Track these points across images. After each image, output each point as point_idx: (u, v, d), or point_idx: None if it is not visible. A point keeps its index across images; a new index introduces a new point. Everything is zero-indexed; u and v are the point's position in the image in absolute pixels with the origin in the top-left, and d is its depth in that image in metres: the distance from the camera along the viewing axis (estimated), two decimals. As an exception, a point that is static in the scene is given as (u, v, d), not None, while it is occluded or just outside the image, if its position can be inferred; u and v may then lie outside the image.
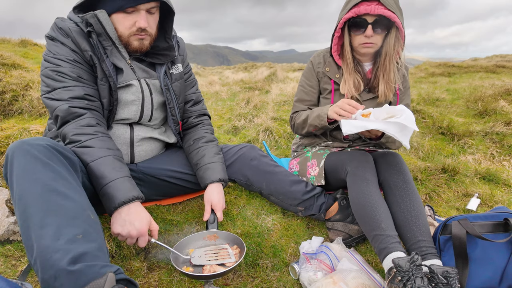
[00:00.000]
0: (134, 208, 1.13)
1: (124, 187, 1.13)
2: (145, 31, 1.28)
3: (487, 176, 2.26)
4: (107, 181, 1.13)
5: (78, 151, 1.16)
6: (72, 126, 1.20)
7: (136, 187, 1.18)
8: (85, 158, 1.15)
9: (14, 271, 1.19)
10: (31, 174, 0.93)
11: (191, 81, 1.63)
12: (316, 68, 1.71)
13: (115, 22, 1.26)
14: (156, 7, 1.28)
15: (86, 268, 0.82)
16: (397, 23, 1.44)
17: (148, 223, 1.13)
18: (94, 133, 1.20)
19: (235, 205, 1.67)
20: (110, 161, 1.17)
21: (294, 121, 1.76)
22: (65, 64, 1.22)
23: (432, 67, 7.24)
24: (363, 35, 1.48)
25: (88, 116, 1.22)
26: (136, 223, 1.10)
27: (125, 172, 1.18)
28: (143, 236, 1.11)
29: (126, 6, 1.21)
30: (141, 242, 1.12)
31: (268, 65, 11.72)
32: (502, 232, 1.23)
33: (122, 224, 1.09)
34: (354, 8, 1.44)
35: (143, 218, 1.12)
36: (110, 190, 1.12)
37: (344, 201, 1.55)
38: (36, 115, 2.86)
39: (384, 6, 1.40)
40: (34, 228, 0.86)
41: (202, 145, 1.52)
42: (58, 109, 1.20)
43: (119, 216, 1.11)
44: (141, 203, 1.17)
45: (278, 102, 3.92)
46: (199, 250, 1.27)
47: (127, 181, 1.16)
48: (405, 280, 1.04)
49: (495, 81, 5.03)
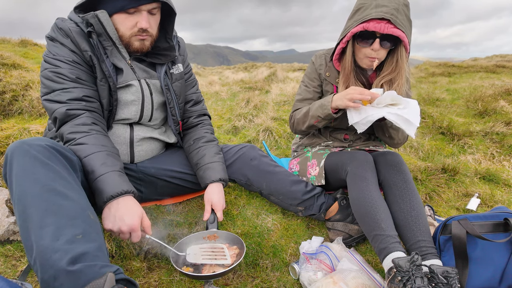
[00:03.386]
0: (124, 202, 1.10)
1: (113, 181, 1.11)
2: (146, 32, 1.28)
3: (487, 176, 2.26)
4: (96, 175, 1.11)
5: (73, 149, 1.15)
6: (68, 125, 1.20)
7: (127, 181, 1.15)
8: (79, 155, 1.14)
9: (14, 271, 1.19)
10: (31, 174, 0.93)
11: (192, 81, 1.63)
12: (318, 70, 1.70)
13: (116, 23, 1.26)
14: (157, 8, 1.28)
15: (86, 268, 0.82)
16: (404, 43, 1.40)
17: (139, 217, 1.09)
18: (88, 130, 1.19)
19: (235, 205, 1.67)
20: (102, 156, 1.15)
21: (294, 118, 1.72)
22: (64, 65, 1.22)
23: (432, 67, 7.24)
24: (370, 48, 1.44)
25: (85, 116, 1.22)
26: (126, 218, 1.06)
27: (117, 167, 1.16)
28: (134, 231, 1.07)
29: (127, 7, 1.21)
30: (134, 238, 1.08)
31: (268, 65, 11.72)
32: (502, 232, 1.23)
33: (112, 220, 1.07)
34: (364, 24, 1.39)
35: (134, 213, 1.08)
36: (99, 185, 1.10)
37: (344, 201, 1.55)
38: (36, 115, 2.86)
39: (394, 25, 1.36)
40: (34, 228, 0.86)
41: (202, 145, 1.52)
42: (57, 111, 1.20)
43: (109, 211, 1.08)
44: (134, 197, 1.14)
45: (278, 102, 3.92)
46: (195, 247, 1.26)
47: (117, 175, 1.13)
48: (405, 280, 1.04)
49: (495, 81, 5.03)
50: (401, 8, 1.38)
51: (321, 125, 1.62)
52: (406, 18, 1.40)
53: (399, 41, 1.44)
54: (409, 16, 1.43)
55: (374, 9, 1.38)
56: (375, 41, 1.41)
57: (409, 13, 1.42)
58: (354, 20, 1.44)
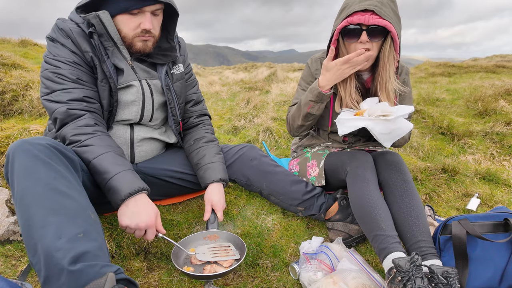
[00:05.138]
0: (141, 200, 1.13)
1: (128, 179, 1.13)
2: (149, 33, 1.28)
3: (487, 176, 2.26)
4: (111, 175, 1.12)
5: (79, 151, 1.16)
6: (71, 127, 1.20)
7: (140, 179, 1.18)
8: (87, 156, 1.15)
9: (14, 271, 1.19)
10: (32, 174, 0.93)
11: (192, 81, 1.63)
12: (314, 74, 1.68)
13: (119, 23, 1.26)
14: (160, 9, 1.28)
15: (87, 268, 0.82)
16: (392, 34, 1.37)
17: (155, 215, 1.13)
18: (93, 132, 1.20)
19: (235, 205, 1.67)
20: (111, 156, 1.17)
21: (289, 116, 1.70)
22: (64, 66, 1.22)
23: (432, 67, 7.24)
24: (358, 41, 1.40)
25: (87, 117, 1.23)
26: (144, 214, 1.09)
27: (128, 165, 1.18)
28: (151, 228, 1.11)
29: (131, 8, 1.22)
30: (149, 235, 1.12)
31: (268, 65, 11.72)
32: (502, 232, 1.23)
33: (129, 216, 1.09)
34: (348, 18, 1.37)
35: (151, 210, 1.12)
36: (115, 183, 1.11)
37: (344, 201, 1.55)
38: (36, 115, 2.86)
39: (379, 16, 1.33)
40: (36, 227, 0.86)
41: (203, 145, 1.53)
42: (57, 111, 1.20)
43: (126, 208, 1.10)
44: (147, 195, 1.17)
45: (278, 102, 3.92)
46: (203, 247, 1.28)
47: (130, 173, 1.16)
48: (405, 280, 1.04)
49: (495, 81, 5.03)
50: (386, 1, 1.36)
51: (316, 111, 1.53)
52: (393, 12, 1.38)
53: (388, 34, 1.40)
54: (397, 12, 1.41)
55: (357, 4, 1.37)
56: (362, 33, 1.37)
57: (396, 9, 1.40)
58: (339, 19, 1.42)
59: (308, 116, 1.55)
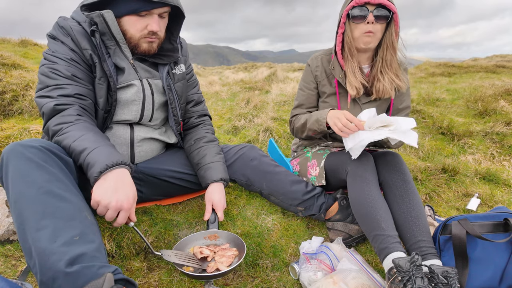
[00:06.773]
0: (122, 176, 1.01)
1: (108, 152, 1.03)
2: (155, 35, 1.29)
3: (487, 176, 2.26)
4: (90, 150, 1.03)
5: (60, 139, 1.10)
6: (54, 118, 1.15)
7: (121, 154, 1.10)
8: (67, 142, 1.08)
9: (14, 271, 1.19)
10: (26, 177, 0.92)
11: (193, 82, 1.63)
12: (314, 72, 1.70)
13: (126, 24, 1.26)
14: (168, 12, 1.29)
15: (84, 269, 0.82)
16: (395, 15, 1.49)
17: (134, 198, 1.02)
18: (74, 120, 1.14)
19: (235, 205, 1.67)
20: (92, 136, 1.10)
21: (294, 125, 1.75)
22: (61, 62, 1.21)
23: (432, 67, 7.24)
24: (365, 23, 1.49)
25: (72, 108, 1.17)
26: (121, 193, 0.98)
27: (110, 143, 1.11)
28: (125, 211, 0.99)
29: (140, 10, 1.22)
30: (121, 219, 1.00)
31: (268, 65, 11.72)
32: (502, 232, 1.23)
33: (103, 192, 0.97)
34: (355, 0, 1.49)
35: (130, 191, 1.01)
36: (93, 156, 1.01)
37: (344, 201, 1.55)
38: (36, 115, 2.86)
39: None
40: (30, 231, 0.85)
41: (203, 145, 1.53)
42: (45, 106, 1.16)
43: (104, 182, 0.99)
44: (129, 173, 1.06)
45: (278, 102, 3.92)
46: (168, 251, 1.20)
47: (111, 148, 1.08)
48: (406, 280, 1.04)
49: (495, 81, 5.03)
50: None
51: (319, 136, 1.72)
52: None
53: (390, 19, 1.52)
54: None
55: None
56: (369, 14, 1.48)
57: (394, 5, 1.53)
58: (346, 3, 1.54)
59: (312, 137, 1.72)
